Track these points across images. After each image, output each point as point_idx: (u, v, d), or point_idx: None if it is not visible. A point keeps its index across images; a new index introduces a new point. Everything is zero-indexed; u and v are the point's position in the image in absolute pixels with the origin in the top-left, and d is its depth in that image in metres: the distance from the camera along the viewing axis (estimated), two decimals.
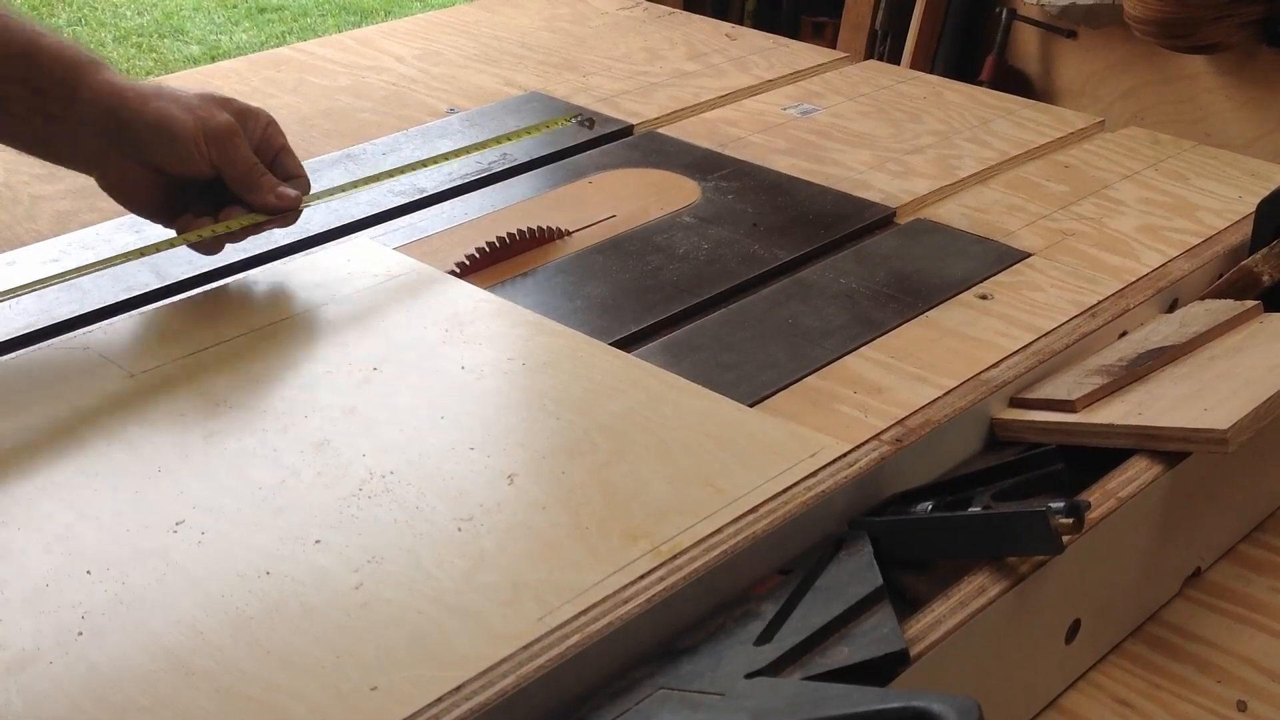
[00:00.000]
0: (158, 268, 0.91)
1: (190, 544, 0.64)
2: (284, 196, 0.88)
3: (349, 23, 4.21)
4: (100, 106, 0.83)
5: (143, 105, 0.84)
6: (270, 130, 0.90)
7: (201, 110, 0.85)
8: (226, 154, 0.85)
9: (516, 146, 1.13)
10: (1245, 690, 0.69)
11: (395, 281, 0.89)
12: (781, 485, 0.69)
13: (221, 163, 0.86)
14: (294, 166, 0.90)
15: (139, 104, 0.83)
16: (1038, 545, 0.63)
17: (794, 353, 0.83)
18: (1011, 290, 0.91)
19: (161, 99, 0.84)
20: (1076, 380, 0.80)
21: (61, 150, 0.86)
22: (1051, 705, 0.69)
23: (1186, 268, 0.95)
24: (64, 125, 0.84)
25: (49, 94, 0.83)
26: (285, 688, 0.56)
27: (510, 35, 1.44)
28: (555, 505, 0.67)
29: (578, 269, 0.94)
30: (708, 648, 0.60)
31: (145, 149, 0.84)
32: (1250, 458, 0.79)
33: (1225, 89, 2.09)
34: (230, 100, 0.88)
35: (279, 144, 0.90)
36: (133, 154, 0.85)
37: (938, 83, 1.32)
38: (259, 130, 0.89)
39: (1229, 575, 0.78)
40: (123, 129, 0.84)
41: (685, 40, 1.43)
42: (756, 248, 0.97)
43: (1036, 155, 1.15)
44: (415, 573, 0.62)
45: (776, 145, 1.15)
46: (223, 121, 0.85)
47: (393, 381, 0.77)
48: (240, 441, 0.72)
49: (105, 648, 0.58)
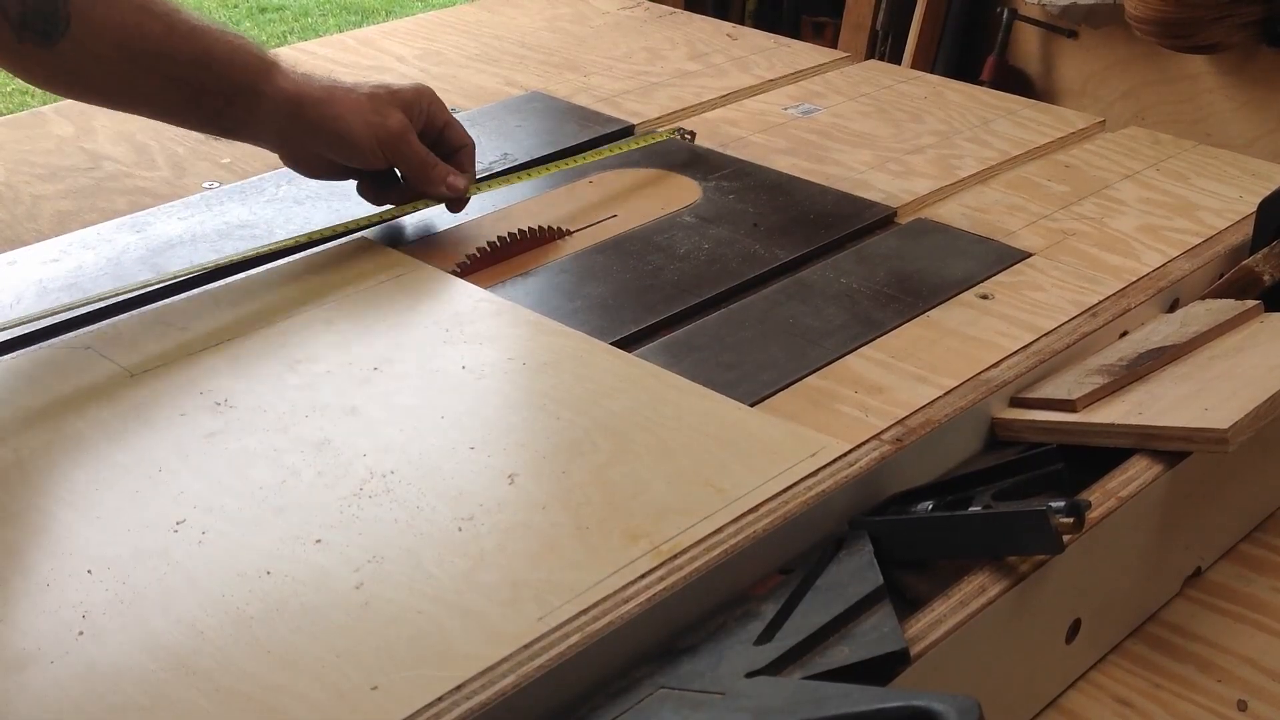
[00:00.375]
0: (158, 267, 0.91)
1: (191, 543, 0.64)
2: (453, 187, 0.96)
3: (350, 22, 4.22)
4: (280, 112, 0.91)
5: (319, 114, 0.91)
6: (434, 107, 0.97)
7: (373, 116, 0.92)
8: (399, 154, 0.94)
9: (517, 146, 1.13)
10: (1246, 690, 0.69)
11: (396, 281, 0.89)
12: (782, 485, 0.69)
13: (395, 161, 0.95)
14: (458, 137, 0.99)
15: (315, 112, 0.91)
16: (1038, 545, 0.63)
17: (794, 352, 0.83)
18: (1012, 290, 0.91)
19: (334, 104, 0.92)
20: (1077, 380, 0.80)
21: (246, 139, 0.95)
22: (1052, 705, 0.69)
23: (1187, 267, 0.95)
24: (247, 126, 0.93)
25: (232, 100, 0.91)
26: (285, 687, 0.56)
27: (511, 35, 1.44)
28: (555, 505, 0.67)
29: (578, 269, 0.94)
30: (708, 647, 0.60)
31: (324, 149, 0.94)
32: (1250, 457, 0.79)
33: (1226, 89, 2.09)
34: (396, 92, 0.94)
35: (444, 119, 0.98)
36: (313, 149, 0.94)
37: (938, 82, 1.32)
38: (424, 112, 0.96)
39: (1229, 575, 0.78)
40: (303, 132, 0.92)
41: (686, 40, 1.43)
42: (757, 247, 0.97)
43: (1037, 155, 1.15)
44: (416, 572, 0.62)
45: (777, 145, 1.15)
46: (393, 126, 0.93)
47: (393, 381, 0.77)
48: (241, 441, 0.72)
49: (105, 647, 0.58)
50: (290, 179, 1.04)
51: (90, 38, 0.86)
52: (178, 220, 0.99)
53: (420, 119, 0.96)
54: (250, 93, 0.90)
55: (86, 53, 0.87)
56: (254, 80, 0.90)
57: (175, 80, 0.89)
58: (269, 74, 0.91)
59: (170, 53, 0.88)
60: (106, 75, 0.89)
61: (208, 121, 0.93)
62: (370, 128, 0.92)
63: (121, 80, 0.89)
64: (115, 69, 0.88)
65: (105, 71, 0.88)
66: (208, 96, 0.90)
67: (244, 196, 1.02)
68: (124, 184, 1.06)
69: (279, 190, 1.03)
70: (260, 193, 1.03)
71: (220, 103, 0.91)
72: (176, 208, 1.01)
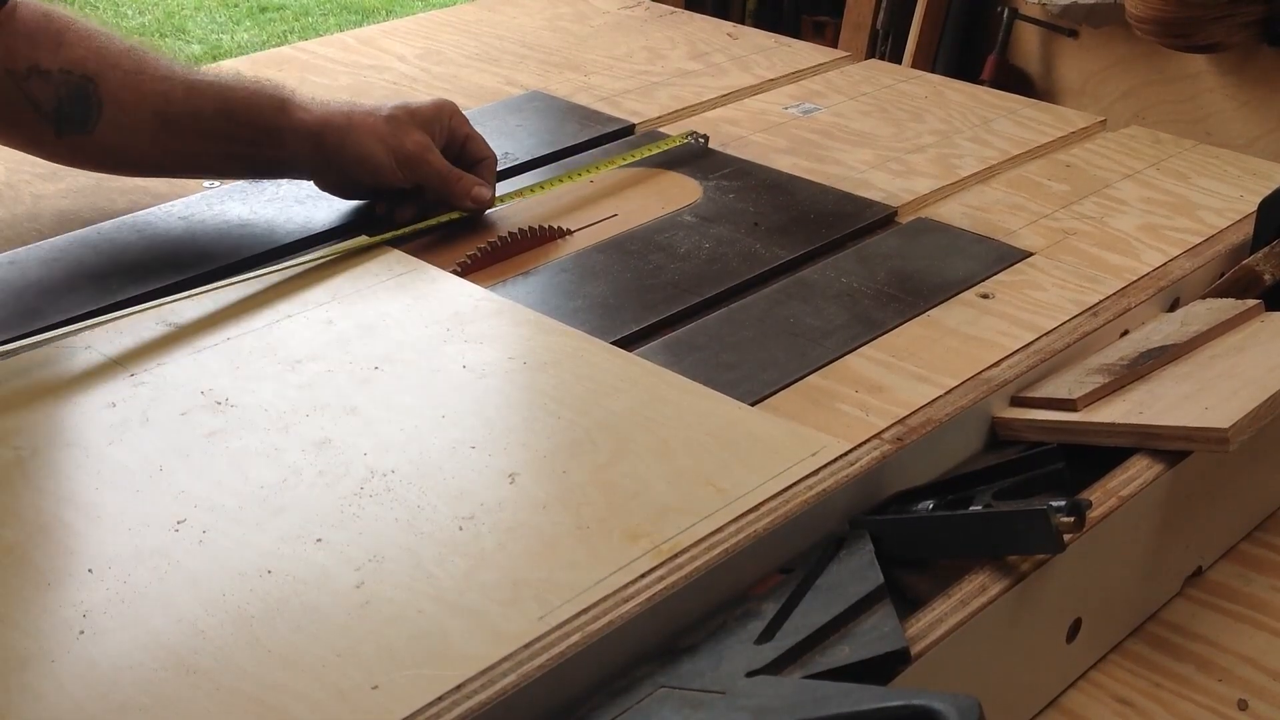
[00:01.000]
0: (158, 267, 0.91)
1: (191, 543, 0.64)
2: (479, 199, 0.98)
3: (350, 22, 4.21)
4: (304, 145, 0.95)
5: (340, 141, 0.95)
6: (455, 121, 1.00)
7: (392, 139, 0.95)
8: (421, 172, 0.97)
9: (518, 146, 1.13)
10: (1246, 689, 0.69)
11: (396, 280, 0.89)
12: (782, 484, 0.69)
13: (418, 179, 0.97)
14: (478, 150, 1.01)
15: (336, 141, 0.95)
16: (1039, 544, 0.63)
17: (795, 352, 0.83)
18: (1013, 289, 0.91)
19: (353, 130, 0.95)
20: (1078, 379, 0.80)
21: (286, 175, 1.00)
22: (1052, 704, 0.69)
23: (1188, 267, 0.95)
24: (281, 164, 0.97)
25: (258, 143, 0.94)
26: (286, 686, 0.56)
27: (511, 34, 1.44)
28: (556, 504, 0.67)
29: (579, 268, 0.94)
30: (708, 646, 0.60)
31: (350, 175, 0.97)
32: (1251, 457, 0.79)
33: (1226, 88, 2.09)
34: (415, 111, 0.97)
35: (464, 132, 1.01)
36: (339, 175, 0.98)
37: (939, 82, 1.32)
38: (445, 128, 0.99)
39: (1230, 574, 0.78)
40: (327, 160, 0.96)
41: (686, 39, 1.43)
42: (757, 247, 0.97)
43: (1038, 154, 1.15)
44: (416, 572, 0.62)
45: (778, 144, 1.15)
46: (412, 146, 0.96)
47: (394, 380, 0.77)
48: (241, 440, 0.72)
49: (106, 646, 0.58)
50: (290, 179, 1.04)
51: (124, 114, 0.92)
52: (178, 219, 0.99)
53: (442, 135, 0.99)
54: (273, 131, 0.94)
55: (124, 130, 0.92)
56: (274, 119, 0.94)
57: (207, 135, 0.94)
58: (286, 111, 0.94)
59: (196, 110, 0.93)
60: (146, 146, 0.94)
61: (246, 168, 0.99)
62: (390, 151, 0.95)
63: (160, 148, 0.94)
64: (152, 139, 0.93)
65: (144, 143, 0.93)
66: (238, 144, 0.95)
67: (244, 196, 1.02)
68: (124, 183, 1.06)
69: (279, 189, 1.03)
70: (260, 192, 1.03)
71: (250, 149, 0.95)
72: (177, 207, 1.01)
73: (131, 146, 0.94)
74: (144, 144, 0.94)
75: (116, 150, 0.94)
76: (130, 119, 0.92)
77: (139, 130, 0.92)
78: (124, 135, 0.93)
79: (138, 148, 0.94)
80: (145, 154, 0.95)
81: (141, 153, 0.95)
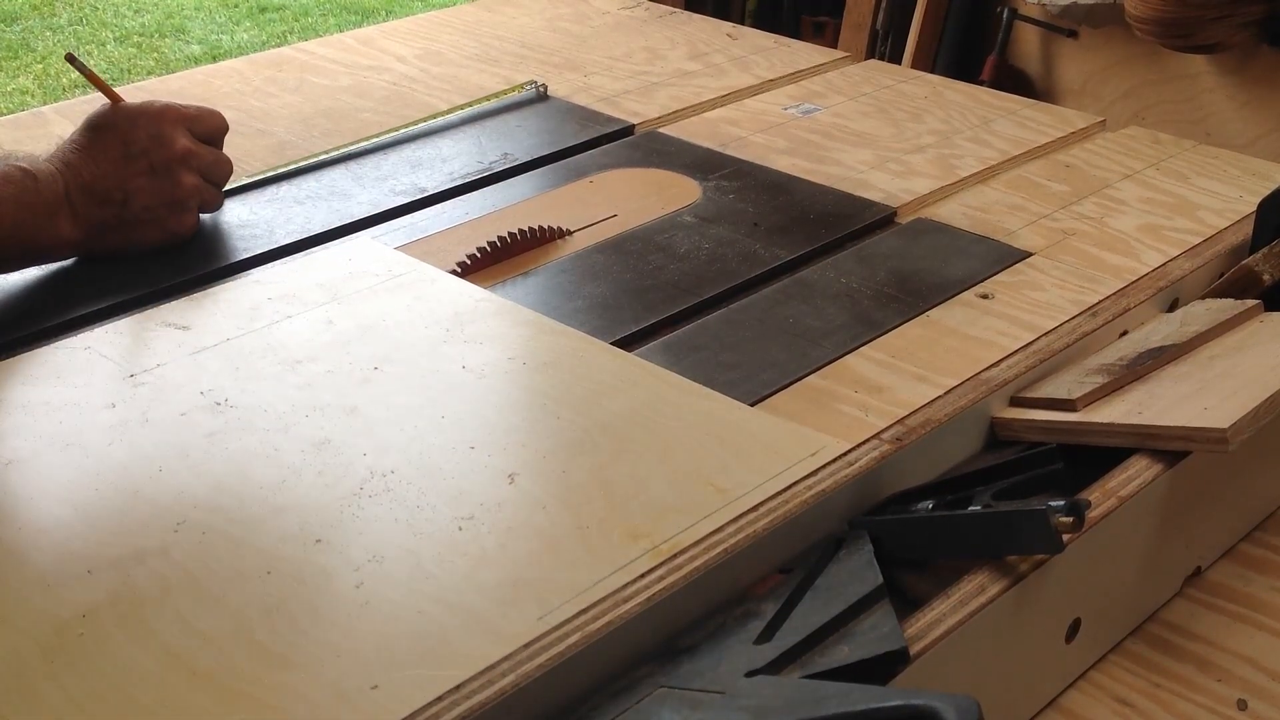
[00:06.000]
0: (159, 266, 0.91)
1: (191, 543, 0.64)
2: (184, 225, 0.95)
3: (350, 22, 4.21)
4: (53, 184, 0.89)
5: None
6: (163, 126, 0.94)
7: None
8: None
9: (517, 146, 1.13)
10: (1245, 689, 0.69)
11: (396, 281, 0.89)
12: (782, 484, 0.69)
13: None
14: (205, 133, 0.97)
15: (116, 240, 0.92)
16: (1038, 544, 0.63)
17: (794, 352, 0.83)
18: (1012, 290, 0.91)
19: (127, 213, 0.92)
20: (1077, 379, 0.80)
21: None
22: (1051, 704, 0.69)
23: (1187, 267, 0.95)
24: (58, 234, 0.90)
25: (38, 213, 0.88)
26: (286, 687, 0.56)
27: (511, 35, 1.44)
28: (556, 504, 0.67)
29: (578, 268, 0.94)
30: (708, 646, 0.60)
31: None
32: (1250, 457, 0.79)
33: (1226, 89, 2.09)
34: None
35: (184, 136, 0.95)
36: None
37: (939, 82, 1.32)
38: (152, 136, 0.93)
39: (1229, 574, 0.78)
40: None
41: (686, 40, 1.43)
42: (757, 247, 0.97)
43: (1037, 155, 1.15)
44: (416, 572, 0.62)
45: (777, 145, 1.15)
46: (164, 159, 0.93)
47: (393, 381, 0.77)
48: (241, 441, 0.72)
49: (106, 647, 0.58)
50: (290, 178, 1.04)
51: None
52: None
53: (150, 144, 0.93)
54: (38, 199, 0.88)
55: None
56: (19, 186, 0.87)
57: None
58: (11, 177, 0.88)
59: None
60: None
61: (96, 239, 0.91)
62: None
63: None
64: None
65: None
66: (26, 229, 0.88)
67: (244, 195, 1.02)
68: None
69: (279, 190, 1.03)
70: (260, 192, 1.03)
71: (37, 223, 0.88)
72: None
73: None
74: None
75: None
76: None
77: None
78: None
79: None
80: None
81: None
